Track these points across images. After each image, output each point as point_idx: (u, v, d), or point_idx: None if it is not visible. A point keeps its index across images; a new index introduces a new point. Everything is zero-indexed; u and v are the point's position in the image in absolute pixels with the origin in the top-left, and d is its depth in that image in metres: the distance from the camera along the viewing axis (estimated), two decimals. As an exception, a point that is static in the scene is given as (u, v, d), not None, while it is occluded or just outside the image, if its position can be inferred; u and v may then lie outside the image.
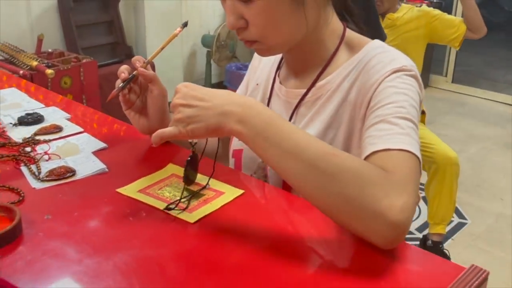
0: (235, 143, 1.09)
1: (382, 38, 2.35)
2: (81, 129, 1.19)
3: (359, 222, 0.76)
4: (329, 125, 0.96)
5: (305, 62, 1.00)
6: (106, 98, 3.46)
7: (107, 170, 1.03)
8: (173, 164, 1.04)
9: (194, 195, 0.94)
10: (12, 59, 3.26)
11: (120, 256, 0.78)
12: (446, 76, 5.37)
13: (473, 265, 0.79)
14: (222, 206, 0.91)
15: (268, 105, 1.07)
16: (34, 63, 3.16)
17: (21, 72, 3.08)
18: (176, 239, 0.84)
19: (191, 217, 0.88)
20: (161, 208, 0.90)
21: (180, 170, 1.02)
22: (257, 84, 1.12)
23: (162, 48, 1.06)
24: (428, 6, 2.85)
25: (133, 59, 1.07)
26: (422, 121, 2.82)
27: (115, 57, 3.86)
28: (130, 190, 0.95)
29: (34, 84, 1.53)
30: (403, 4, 2.85)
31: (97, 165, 1.03)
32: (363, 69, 0.94)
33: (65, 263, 0.77)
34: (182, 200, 0.92)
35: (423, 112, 2.82)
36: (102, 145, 1.12)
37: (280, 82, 1.06)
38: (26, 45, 3.48)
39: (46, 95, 1.45)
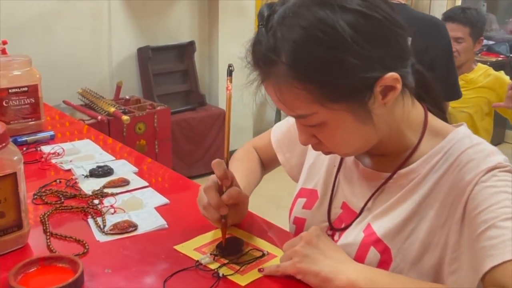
0: (298, 210, 1.09)
1: (458, 96, 2.31)
2: (146, 184, 1.26)
3: None
4: (410, 218, 0.91)
5: (385, 151, 0.96)
6: (177, 144, 3.51)
7: (166, 226, 1.07)
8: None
9: (245, 255, 0.97)
10: (91, 104, 3.45)
11: (172, 315, 0.81)
12: (524, 131, 5.15)
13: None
14: (273, 270, 0.93)
15: (336, 176, 1.05)
16: (112, 109, 3.32)
17: (99, 117, 3.24)
18: (227, 301, 0.87)
19: (242, 279, 0.90)
20: (213, 268, 0.93)
21: (236, 231, 1.06)
22: None
23: (229, 129, 0.99)
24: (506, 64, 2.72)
25: (217, 175, 0.99)
26: None
27: (188, 104, 3.99)
28: (187, 247, 0.99)
29: (110, 137, 1.62)
30: (479, 64, 2.75)
31: (158, 221, 1.08)
32: (453, 165, 0.89)
33: (120, 318, 0.81)
34: (236, 262, 0.95)
35: None
36: (164, 200, 1.18)
37: (355, 156, 1.02)
38: (105, 91, 3.67)
39: (118, 148, 1.53)
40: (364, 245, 0.93)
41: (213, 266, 0.93)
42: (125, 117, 3.25)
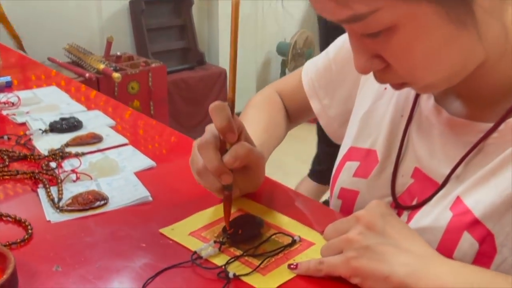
0: (346, 179, 0.76)
1: None
2: (126, 141, 0.93)
3: None
4: None
5: (485, 86, 0.64)
6: (174, 106, 3.20)
7: (150, 199, 0.75)
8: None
9: (267, 243, 0.65)
10: (79, 61, 3.12)
11: None
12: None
13: None
14: (310, 265, 0.61)
15: (405, 130, 0.72)
16: (101, 66, 2.99)
17: (87, 75, 2.92)
18: (241, 318, 0.55)
19: (264, 282, 0.58)
20: (219, 264, 0.61)
21: (250, 205, 0.73)
22: (385, 89, 0.77)
23: (235, 54, 0.66)
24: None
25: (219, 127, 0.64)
26: None
27: (186, 63, 3.66)
28: (179, 232, 0.67)
29: (88, 87, 1.28)
30: None
31: (139, 192, 0.76)
32: None
33: None
34: (251, 255, 0.62)
35: None
36: (149, 163, 0.85)
37: (435, 100, 0.69)
38: (95, 48, 3.34)
39: (93, 97, 1.20)
40: (452, 230, 0.61)
41: (219, 260, 0.61)
42: (116, 75, 2.92)
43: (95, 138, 0.92)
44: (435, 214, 0.63)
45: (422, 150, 0.69)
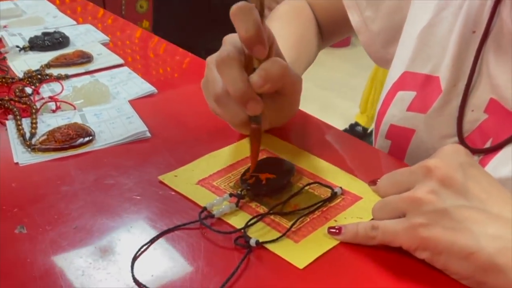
0: (397, 113, 0.61)
1: None
2: (121, 61, 0.76)
3: None
4: None
5: None
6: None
7: (149, 134, 0.59)
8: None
9: (299, 196, 0.49)
10: (83, -22, 2.92)
11: None
12: None
13: None
14: (357, 227, 0.45)
15: (479, 50, 0.55)
16: (107, -17, 2.79)
17: (91, -8, 2.73)
18: (267, 304, 0.40)
19: (299, 252, 0.43)
20: (237, 226, 0.45)
21: (276, 143, 0.57)
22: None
23: None
24: None
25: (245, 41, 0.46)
26: None
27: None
28: (184, 179, 0.51)
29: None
30: None
31: (134, 126, 0.60)
32: None
33: None
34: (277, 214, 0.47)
35: None
36: (148, 88, 0.68)
37: None
38: (100, -38, 3.11)
39: (87, 10, 1.02)
40: None
41: (236, 220, 0.46)
42: (122, -8, 2.72)
43: (83, 58, 0.75)
44: None
45: (502, 76, 0.52)
